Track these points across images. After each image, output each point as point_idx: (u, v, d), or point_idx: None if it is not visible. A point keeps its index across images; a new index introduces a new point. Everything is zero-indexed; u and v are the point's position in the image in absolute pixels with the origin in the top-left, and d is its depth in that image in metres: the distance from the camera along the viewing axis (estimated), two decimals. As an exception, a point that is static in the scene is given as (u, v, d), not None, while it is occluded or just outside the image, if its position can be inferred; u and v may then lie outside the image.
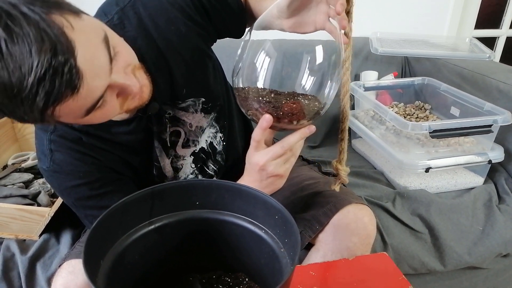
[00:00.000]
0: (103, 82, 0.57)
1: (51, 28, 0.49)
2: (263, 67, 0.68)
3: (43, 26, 0.49)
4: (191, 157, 0.88)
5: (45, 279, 0.92)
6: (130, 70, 0.64)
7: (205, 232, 0.59)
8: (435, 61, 1.69)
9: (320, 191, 0.93)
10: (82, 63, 0.52)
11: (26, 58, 0.48)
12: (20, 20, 0.48)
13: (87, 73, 0.53)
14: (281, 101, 0.67)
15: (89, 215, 0.80)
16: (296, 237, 0.49)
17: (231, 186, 0.58)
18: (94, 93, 0.56)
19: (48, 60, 0.49)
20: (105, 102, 0.60)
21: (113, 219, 0.51)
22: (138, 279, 0.56)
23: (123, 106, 0.66)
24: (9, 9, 0.49)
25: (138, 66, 0.69)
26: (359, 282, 0.70)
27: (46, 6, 0.51)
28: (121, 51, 0.62)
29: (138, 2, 0.75)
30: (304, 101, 0.68)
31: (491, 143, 1.29)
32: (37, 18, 0.49)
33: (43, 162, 0.76)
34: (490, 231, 1.19)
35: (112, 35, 0.61)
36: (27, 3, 0.50)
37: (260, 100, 0.67)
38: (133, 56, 0.67)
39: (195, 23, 0.80)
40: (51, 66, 0.49)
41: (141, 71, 0.70)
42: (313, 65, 0.69)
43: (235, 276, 0.61)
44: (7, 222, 0.97)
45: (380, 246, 1.11)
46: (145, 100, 0.71)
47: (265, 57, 0.68)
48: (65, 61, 0.50)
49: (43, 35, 0.49)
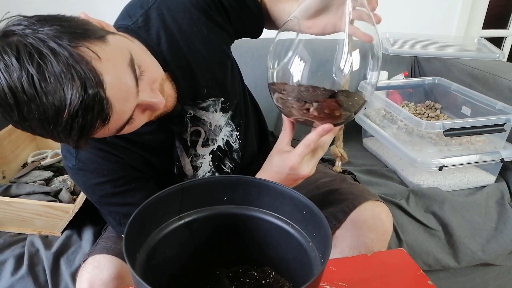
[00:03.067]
0: (131, 105, 0.59)
1: (79, 64, 0.51)
2: (300, 65, 0.67)
3: (71, 63, 0.51)
4: (209, 155, 0.90)
5: (69, 274, 0.94)
6: (157, 85, 0.66)
7: (232, 227, 0.61)
8: (445, 61, 1.70)
9: (337, 189, 0.94)
10: (110, 92, 0.54)
11: (59, 96, 0.51)
12: (50, 58, 0.50)
13: (116, 100, 0.56)
14: (322, 98, 0.65)
15: (112, 211, 0.82)
16: (326, 231, 0.50)
17: (258, 182, 0.59)
18: (123, 116, 0.59)
19: (80, 97, 0.51)
20: (133, 119, 0.63)
21: (146, 214, 0.53)
22: (169, 272, 0.57)
23: (149, 117, 0.68)
24: (39, 46, 0.51)
25: (164, 78, 0.71)
26: (379, 277, 0.71)
27: (74, 38, 0.53)
28: (148, 68, 0.63)
29: (162, 4, 0.76)
30: (345, 98, 0.67)
31: (503, 141, 1.30)
32: (66, 55, 0.51)
33: (68, 160, 0.78)
34: (503, 228, 1.20)
35: (138, 53, 0.63)
36: (55, 38, 0.51)
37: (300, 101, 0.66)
38: (159, 70, 0.69)
39: (216, 24, 0.81)
40: (83, 102, 0.51)
41: (168, 82, 0.72)
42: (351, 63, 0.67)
43: (261, 270, 0.63)
44: (32, 218, 0.99)
45: (395, 242, 1.12)
46: (170, 108, 0.74)
47: (300, 55, 0.67)
48: (95, 94, 0.52)
49: (72, 72, 0.51)
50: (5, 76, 0.50)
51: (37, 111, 0.52)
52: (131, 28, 0.74)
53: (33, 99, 0.51)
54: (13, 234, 1.04)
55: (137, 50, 0.64)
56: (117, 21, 0.77)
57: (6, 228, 1.04)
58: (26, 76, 0.50)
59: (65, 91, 0.51)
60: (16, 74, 0.50)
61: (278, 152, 0.73)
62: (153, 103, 0.63)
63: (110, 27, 0.66)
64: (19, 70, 0.50)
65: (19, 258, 0.96)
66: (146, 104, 0.63)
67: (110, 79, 0.54)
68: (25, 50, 0.50)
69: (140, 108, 0.63)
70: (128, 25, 0.75)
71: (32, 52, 0.50)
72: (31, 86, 0.50)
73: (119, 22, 0.76)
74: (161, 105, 0.65)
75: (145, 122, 0.68)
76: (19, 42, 0.51)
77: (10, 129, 1.24)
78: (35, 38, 0.51)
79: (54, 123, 0.53)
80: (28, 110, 0.52)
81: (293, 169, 0.70)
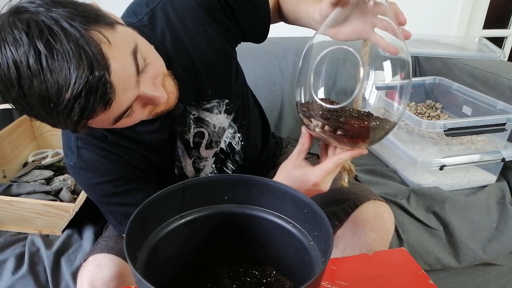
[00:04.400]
0: (131, 94, 0.59)
1: (89, 45, 0.51)
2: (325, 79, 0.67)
3: (82, 43, 0.51)
4: (213, 158, 0.90)
5: (70, 273, 0.94)
6: (159, 80, 0.66)
7: (233, 226, 0.61)
8: (446, 61, 1.70)
9: (338, 188, 0.93)
10: (114, 78, 0.54)
11: (64, 74, 0.50)
12: (60, 36, 0.50)
13: (119, 87, 0.55)
14: (354, 126, 0.64)
15: (113, 211, 0.82)
16: (327, 230, 0.50)
17: (259, 181, 0.59)
18: (122, 105, 0.58)
19: (85, 77, 0.51)
20: (133, 111, 0.62)
21: (147, 213, 0.53)
22: (170, 271, 0.57)
23: (150, 112, 0.68)
24: (51, 24, 0.50)
25: (167, 74, 0.70)
26: (380, 276, 0.71)
27: (86, 21, 0.53)
28: (152, 62, 0.63)
29: (167, 3, 0.76)
30: (375, 125, 0.67)
31: (504, 141, 1.30)
32: (77, 35, 0.51)
33: (70, 159, 0.78)
34: (504, 228, 1.20)
35: (143, 45, 0.63)
36: (68, 18, 0.51)
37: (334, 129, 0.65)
38: (162, 65, 0.69)
39: (222, 24, 0.81)
40: (88, 82, 0.51)
41: (170, 79, 0.72)
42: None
43: (262, 269, 0.63)
44: (32, 218, 0.99)
45: (396, 242, 1.12)
46: (171, 105, 0.73)
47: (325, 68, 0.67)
48: (100, 77, 0.52)
49: (81, 52, 0.51)
50: (11, 50, 0.50)
51: (38, 88, 0.51)
52: (136, 25, 0.74)
53: (37, 75, 0.50)
54: (14, 233, 1.04)
55: (143, 43, 0.64)
56: (122, 18, 0.77)
57: (7, 227, 1.05)
58: (34, 52, 0.50)
59: (71, 70, 0.50)
60: (23, 48, 0.50)
61: (297, 167, 0.72)
62: (154, 96, 0.63)
63: (119, 19, 0.66)
64: (27, 45, 0.50)
65: (19, 257, 0.96)
66: (147, 97, 0.62)
67: (115, 65, 0.54)
68: (36, 26, 0.50)
69: (141, 101, 0.63)
70: (133, 23, 0.74)
71: (43, 29, 0.50)
72: (36, 62, 0.50)
73: (124, 20, 0.76)
74: (163, 100, 0.64)
75: (145, 117, 0.67)
76: (31, 19, 0.50)
77: (11, 128, 1.24)
78: (48, 16, 0.51)
79: (55, 102, 0.52)
80: (29, 86, 0.51)
81: (316, 185, 0.70)
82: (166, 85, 0.69)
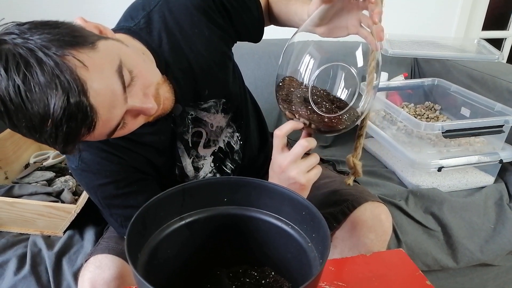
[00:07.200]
0: (119, 111, 0.60)
1: (63, 74, 0.52)
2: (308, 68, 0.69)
3: (57, 72, 0.52)
4: (211, 157, 0.91)
5: (71, 274, 0.94)
6: (151, 90, 0.66)
7: (232, 227, 0.62)
8: (445, 63, 1.71)
9: (337, 190, 0.95)
10: (95, 99, 0.55)
11: (43, 105, 0.52)
12: (36, 68, 0.51)
13: (101, 107, 0.56)
14: (323, 110, 0.68)
15: (114, 213, 0.82)
16: (324, 232, 0.51)
17: (258, 184, 0.60)
18: (111, 122, 0.59)
19: (62, 105, 0.52)
20: (126, 123, 0.63)
21: (148, 215, 0.53)
22: (170, 272, 0.58)
23: (145, 120, 0.68)
24: (27, 55, 0.52)
25: (161, 82, 0.70)
26: (378, 277, 0.72)
27: (61, 47, 0.53)
28: (141, 73, 0.63)
29: (164, 6, 0.77)
30: (344, 115, 0.69)
31: (502, 143, 1.31)
32: (52, 64, 0.52)
33: (71, 161, 0.78)
34: (502, 229, 1.21)
35: (130, 57, 0.62)
36: (43, 47, 0.52)
37: (303, 107, 0.68)
38: (155, 74, 0.69)
39: (217, 25, 0.82)
40: (65, 110, 0.52)
41: (164, 86, 0.72)
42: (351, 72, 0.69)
43: (261, 270, 0.63)
44: (34, 219, 1.00)
45: (394, 243, 1.13)
46: (167, 110, 0.74)
47: (309, 58, 0.69)
48: (77, 103, 0.53)
49: (56, 82, 0.52)
50: None
51: (24, 119, 0.53)
52: (133, 29, 0.75)
53: (20, 108, 0.52)
54: (16, 234, 1.05)
55: (131, 55, 0.63)
56: (119, 23, 0.78)
57: (9, 228, 1.05)
58: (13, 86, 0.51)
59: (49, 100, 0.52)
60: (4, 83, 0.51)
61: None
62: (144, 108, 0.63)
63: (107, 30, 0.66)
64: (6, 80, 0.51)
65: (21, 258, 0.97)
66: (137, 110, 0.63)
67: (96, 86, 0.55)
68: (13, 60, 0.51)
69: (131, 113, 0.63)
70: (130, 27, 0.75)
71: (20, 62, 0.51)
72: (17, 95, 0.52)
73: (121, 24, 0.77)
74: (153, 111, 0.64)
75: (141, 125, 0.68)
76: (9, 52, 0.52)
77: (12, 130, 1.25)
78: (24, 48, 0.52)
79: (40, 131, 0.54)
80: (16, 118, 0.54)
81: (284, 172, 0.70)
82: (160, 93, 0.69)
